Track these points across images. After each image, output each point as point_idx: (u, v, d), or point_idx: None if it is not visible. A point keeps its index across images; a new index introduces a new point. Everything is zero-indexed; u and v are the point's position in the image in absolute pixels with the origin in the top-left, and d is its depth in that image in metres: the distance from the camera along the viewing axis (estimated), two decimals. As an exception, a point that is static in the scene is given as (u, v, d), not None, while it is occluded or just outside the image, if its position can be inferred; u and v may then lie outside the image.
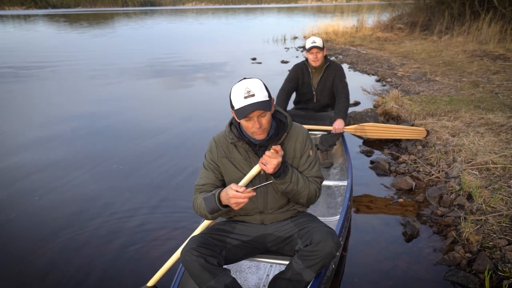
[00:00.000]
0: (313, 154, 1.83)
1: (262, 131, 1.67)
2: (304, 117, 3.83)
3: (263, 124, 1.65)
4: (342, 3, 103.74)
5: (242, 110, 1.60)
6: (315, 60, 3.56)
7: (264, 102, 1.61)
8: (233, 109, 1.65)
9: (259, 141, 1.74)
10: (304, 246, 1.69)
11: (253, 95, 1.59)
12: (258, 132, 1.66)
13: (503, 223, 2.62)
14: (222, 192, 1.65)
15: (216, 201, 1.65)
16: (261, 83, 1.66)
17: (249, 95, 1.59)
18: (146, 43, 19.46)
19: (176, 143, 4.92)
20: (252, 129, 1.66)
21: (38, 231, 3.01)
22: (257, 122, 1.62)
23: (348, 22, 17.93)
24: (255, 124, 1.63)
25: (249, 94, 1.59)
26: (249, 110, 1.58)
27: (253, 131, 1.67)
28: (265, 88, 1.66)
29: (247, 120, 1.64)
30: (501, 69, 7.68)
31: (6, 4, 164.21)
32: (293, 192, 1.74)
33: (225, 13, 69.92)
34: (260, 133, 1.67)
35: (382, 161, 3.92)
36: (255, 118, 1.62)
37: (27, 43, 20.91)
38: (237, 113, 1.62)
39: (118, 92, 8.16)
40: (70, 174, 4.05)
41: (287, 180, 1.69)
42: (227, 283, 1.67)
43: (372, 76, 8.63)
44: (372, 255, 2.59)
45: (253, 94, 1.59)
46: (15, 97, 7.85)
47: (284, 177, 1.68)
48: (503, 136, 3.99)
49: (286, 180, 1.69)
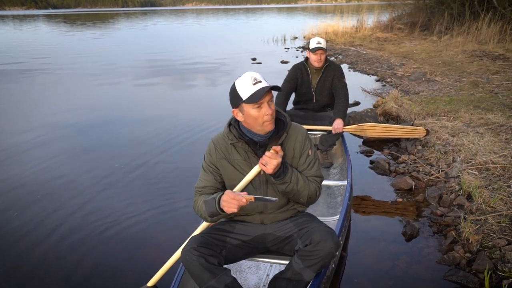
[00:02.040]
0: (312, 154, 1.83)
1: (272, 118, 1.69)
2: (304, 117, 3.83)
3: (273, 110, 1.68)
4: (342, 3, 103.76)
5: (255, 94, 1.62)
6: (318, 61, 3.55)
7: (272, 87, 1.65)
8: (242, 101, 1.64)
9: (261, 138, 1.74)
10: (304, 246, 1.70)
11: (261, 81, 1.64)
12: (270, 121, 1.68)
13: (503, 223, 2.62)
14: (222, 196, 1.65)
15: (216, 206, 1.66)
16: (261, 75, 1.70)
17: (256, 82, 1.63)
18: (146, 43, 19.46)
19: (176, 142, 4.92)
20: (264, 117, 1.66)
21: (38, 231, 3.02)
22: (269, 107, 1.65)
23: (348, 22, 17.92)
24: (267, 110, 1.65)
25: (257, 81, 1.63)
26: (262, 92, 1.61)
27: (264, 120, 1.67)
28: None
29: (258, 107, 1.64)
30: (501, 69, 7.67)
31: (6, 4, 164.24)
32: (293, 192, 1.75)
33: (225, 13, 69.91)
34: (271, 121, 1.68)
35: (382, 161, 3.92)
36: (266, 104, 1.65)
37: (27, 43, 20.90)
38: (250, 99, 1.62)
39: (118, 92, 8.16)
40: (71, 173, 4.06)
41: (287, 180, 1.70)
42: (227, 283, 1.67)
43: (372, 76, 8.63)
44: (372, 255, 2.60)
45: (260, 80, 1.64)
46: (15, 97, 7.85)
47: (284, 177, 1.69)
48: (502, 136, 3.99)
49: (286, 180, 1.70)
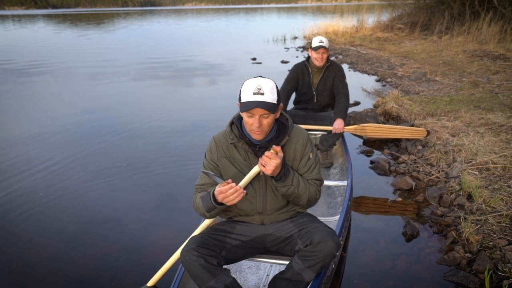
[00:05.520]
0: (313, 157, 1.83)
1: (260, 132, 1.67)
2: (304, 117, 3.83)
3: (263, 125, 1.65)
4: (342, 3, 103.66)
5: (247, 104, 1.61)
6: (320, 59, 3.55)
7: (270, 104, 1.62)
8: (240, 102, 1.66)
9: (259, 141, 1.74)
10: (304, 246, 1.70)
11: (263, 93, 1.60)
12: (256, 132, 1.67)
13: (503, 223, 2.62)
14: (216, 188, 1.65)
15: (211, 199, 1.67)
16: (274, 85, 1.66)
17: (258, 93, 1.60)
18: (146, 43, 19.45)
19: (177, 142, 4.92)
20: (251, 126, 1.66)
21: (38, 230, 3.02)
22: (258, 121, 1.63)
23: (348, 22, 17.90)
24: (255, 122, 1.64)
25: (259, 92, 1.60)
26: (252, 105, 1.59)
27: (251, 129, 1.68)
28: (276, 92, 1.66)
29: (249, 116, 1.65)
30: (501, 69, 7.67)
31: (6, 4, 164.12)
32: (294, 195, 1.75)
33: (225, 13, 69.89)
34: (258, 133, 1.67)
35: (382, 161, 3.92)
36: (257, 116, 1.63)
37: (27, 43, 20.90)
38: (242, 106, 1.63)
39: (118, 92, 8.15)
40: (71, 172, 4.05)
41: (288, 183, 1.70)
42: (227, 283, 1.67)
43: (372, 76, 8.63)
44: (372, 255, 2.60)
45: (263, 93, 1.61)
46: (16, 97, 7.85)
47: (285, 180, 1.69)
48: (503, 136, 3.99)
49: (287, 183, 1.70)
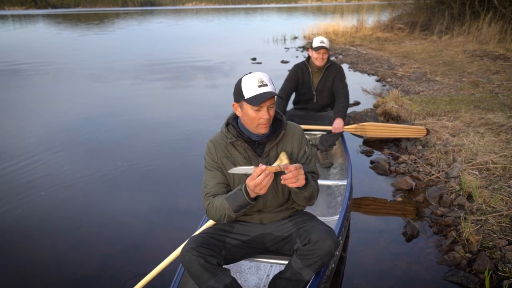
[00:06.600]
0: (309, 150, 1.87)
1: (268, 124, 1.69)
2: (304, 117, 3.83)
3: (272, 116, 1.68)
4: (342, 3, 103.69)
5: (257, 97, 1.62)
6: (321, 60, 3.54)
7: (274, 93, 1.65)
8: (244, 99, 1.64)
9: (258, 138, 1.74)
10: (302, 245, 1.70)
11: (266, 85, 1.64)
12: (265, 124, 1.68)
13: (503, 223, 2.62)
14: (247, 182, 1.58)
15: (245, 195, 1.60)
16: (269, 77, 1.69)
17: (262, 85, 1.63)
18: (146, 43, 19.45)
19: (176, 142, 4.92)
20: (260, 120, 1.66)
21: (39, 229, 3.02)
22: (267, 112, 1.65)
23: (348, 22, 17.89)
24: (265, 114, 1.65)
25: (263, 84, 1.63)
26: (264, 97, 1.61)
27: (259, 123, 1.67)
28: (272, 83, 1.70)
29: (257, 110, 1.65)
30: (501, 69, 7.67)
31: (6, 4, 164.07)
32: (311, 194, 1.74)
33: (225, 13, 69.90)
34: (267, 125, 1.69)
35: (382, 161, 3.92)
36: (265, 108, 1.65)
37: (27, 43, 20.90)
38: (251, 101, 1.62)
39: (118, 92, 8.14)
40: (71, 172, 4.05)
41: (309, 185, 1.69)
42: (227, 283, 1.67)
43: (372, 76, 8.62)
44: (372, 255, 2.59)
45: (266, 84, 1.64)
46: (16, 97, 7.84)
47: (307, 184, 1.67)
48: (503, 136, 3.99)
49: (309, 185, 1.69)
